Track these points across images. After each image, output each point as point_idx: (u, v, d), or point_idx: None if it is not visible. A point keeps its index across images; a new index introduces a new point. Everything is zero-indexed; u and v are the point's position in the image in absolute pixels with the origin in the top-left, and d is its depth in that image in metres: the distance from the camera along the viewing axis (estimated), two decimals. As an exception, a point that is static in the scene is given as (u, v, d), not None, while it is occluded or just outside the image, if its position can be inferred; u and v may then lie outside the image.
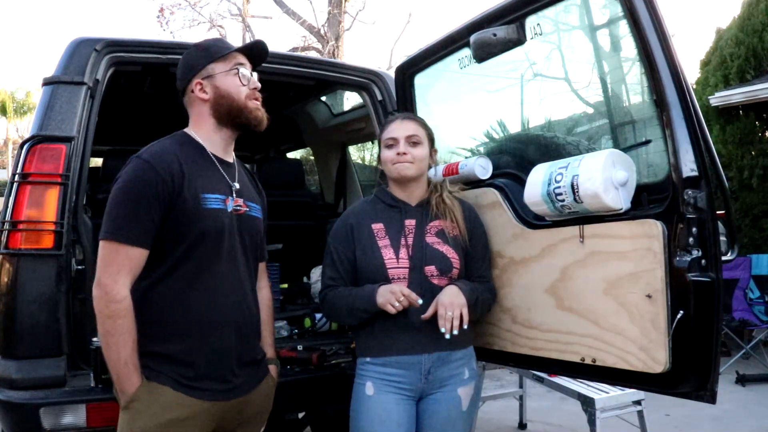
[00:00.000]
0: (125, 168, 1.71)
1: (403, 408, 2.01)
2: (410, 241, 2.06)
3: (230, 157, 1.88)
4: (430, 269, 2.03)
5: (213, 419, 1.72)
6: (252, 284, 1.87)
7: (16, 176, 2.22)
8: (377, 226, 2.08)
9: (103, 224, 1.67)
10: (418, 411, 2.05)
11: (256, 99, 1.83)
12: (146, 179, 1.65)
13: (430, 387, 2.04)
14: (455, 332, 1.91)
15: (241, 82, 1.80)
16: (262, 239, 1.95)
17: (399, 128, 2.10)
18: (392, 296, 1.91)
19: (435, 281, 2.03)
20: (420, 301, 1.93)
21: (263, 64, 2.86)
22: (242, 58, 1.84)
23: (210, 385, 1.70)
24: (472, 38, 2.29)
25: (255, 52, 1.89)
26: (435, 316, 1.94)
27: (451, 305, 1.92)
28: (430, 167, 2.19)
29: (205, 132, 1.82)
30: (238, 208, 1.80)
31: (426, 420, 2.05)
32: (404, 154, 2.06)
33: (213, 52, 1.82)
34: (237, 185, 1.82)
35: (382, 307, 1.92)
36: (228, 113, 1.80)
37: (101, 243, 1.66)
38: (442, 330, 1.91)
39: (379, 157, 2.18)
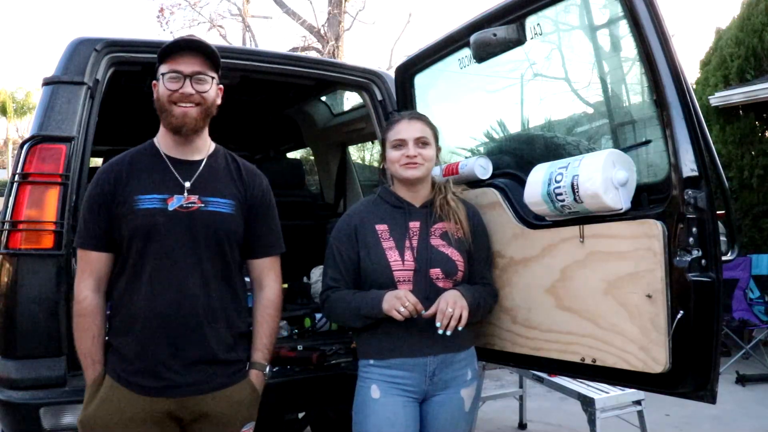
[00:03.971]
0: None
1: (409, 410, 2.00)
2: (415, 243, 2.04)
3: (195, 155, 1.87)
4: (435, 272, 2.02)
5: (161, 415, 1.74)
6: (207, 281, 1.80)
7: (16, 176, 2.22)
8: (381, 227, 2.07)
9: None
10: (421, 412, 2.04)
11: (184, 103, 1.79)
12: (93, 190, 1.85)
13: (433, 389, 2.03)
14: (449, 332, 1.90)
15: (166, 87, 1.79)
16: (231, 233, 1.86)
17: (407, 129, 2.07)
18: (398, 301, 1.89)
19: (440, 284, 2.02)
20: (425, 312, 1.91)
21: (264, 65, 2.89)
22: (185, 60, 1.79)
23: (141, 380, 1.74)
24: (472, 38, 2.29)
25: (180, 48, 1.81)
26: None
27: (454, 304, 1.91)
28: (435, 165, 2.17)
29: (161, 132, 1.89)
30: (190, 205, 1.80)
31: (429, 422, 2.04)
32: (414, 156, 2.04)
33: (161, 53, 1.82)
34: (187, 184, 1.81)
35: (388, 312, 1.90)
36: (160, 115, 1.84)
37: None
38: (438, 325, 1.89)
39: (383, 155, 2.16)
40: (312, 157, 5.25)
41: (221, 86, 1.90)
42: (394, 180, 2.14)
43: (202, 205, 1.81)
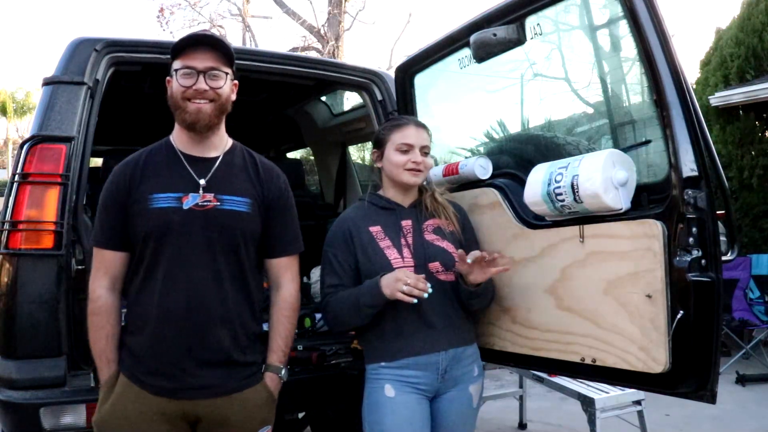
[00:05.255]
0: None
1: (424, 408, 2.01)
2: (410, 240, 2.06)
3: (211, 152, 1.85)
4: (435, 265, 2.04)
5: (174, 416, 1.73)
6: (221, 281, 1.77)
7: (16, 176, 2.21)
8: (375, 229, 2.07)
9: None
10: (431, 410, 2.05)
11: (198, 99, 1.77)
12: (108, 188, 1.83)
13: (444, 386, 2.04)
14: (469, 260, 1.93)
15: (180, 84, 1.77)
16: (247, 233, 1.83)
17: (416, 136, 2.09)
18: (399, 283, 1.85)
19: (441, 277, 2.04)
20: (429, 290, 1.85)
21: (264, 65, 2.89)
22: (199, 56, 1.77)
23: (157, 381, 1.73)
24: (472, 38, 2.29)
25: (193, 44, 1.79)
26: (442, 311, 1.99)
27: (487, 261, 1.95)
28: None
29: (176, 129, 1.87)
30: (205, 203, 1.77)
31: (440, 419, 2.05)
32: (420, 163, 2.07)
33: (173, 49, 1.80)
34: (203, 181, 1.79)
35: (392, 297, 1.87)
36: (174, 112, 1.82)
37: None
38: (469, 259, 1.93)
39: (380, 154, 2.15)
40: (312, 157, 5.25)
41: (236, 81, 1.88)
42: (385, 182, 2.16)
43: (218, 203, 1.79)
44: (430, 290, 1.86)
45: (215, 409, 1.75)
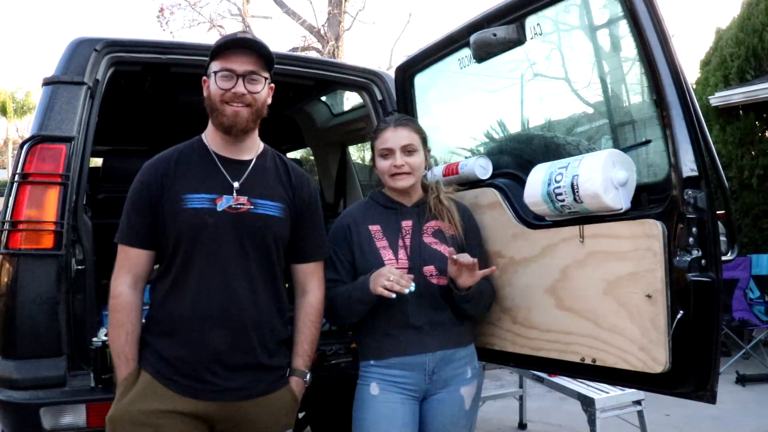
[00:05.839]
0: None
1: (408, 408, 2.01)
2: (408, 241, 2.06)
3: (244, 155, 1.85)
4: (429, 269, 2.04)
5: (200, 417, 1.71)
6: (254, 285, 1.77)
7: (16, 176, 2.21)
8: (374, 228, 2.08)
9: None
10: (422, 411, 2.05)
11: (235, 102, 1.75)
12: (137, 186, 1.80)
13: (434, 387, 2.04)
14: (454, 257, 1.90)
15: (218, 86, 1.75)
16: (279, 237, 1.83)
17: (393, 137, 2.06)
18: (382, 278, 1.86)
19: (434, 281, 2.03)
20: (411, 287, 1.86)
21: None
22: (239, 59, 1.75)
23: (184, 380, 1.71)
24: (472, 38, 2.29)
25: (234, 46, 1.76)
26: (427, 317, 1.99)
27: (468, 273, 1.93)
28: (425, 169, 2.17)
29: (210, 130, 1.85)
30: (239, 206, 1.76)
31: (429, 420, 2.05)
32: (402, 165, 2.04)
33: (213, 50, 1.78)
34: (236, 184, 1.78)
35: (374, 292, 1.87)
36: (210, 114, 1.80)
37: None
38: (453, 256, 1.90)
39: (372, 161, 2.16)
40: (312, 157, 5.25)
41: (272, 85, 1.87)
42: (385, 185, 2.15)
43: (252, 206, 1.78)
44: (412, 287, 1.86)
45: (240, 412, 1.74)
